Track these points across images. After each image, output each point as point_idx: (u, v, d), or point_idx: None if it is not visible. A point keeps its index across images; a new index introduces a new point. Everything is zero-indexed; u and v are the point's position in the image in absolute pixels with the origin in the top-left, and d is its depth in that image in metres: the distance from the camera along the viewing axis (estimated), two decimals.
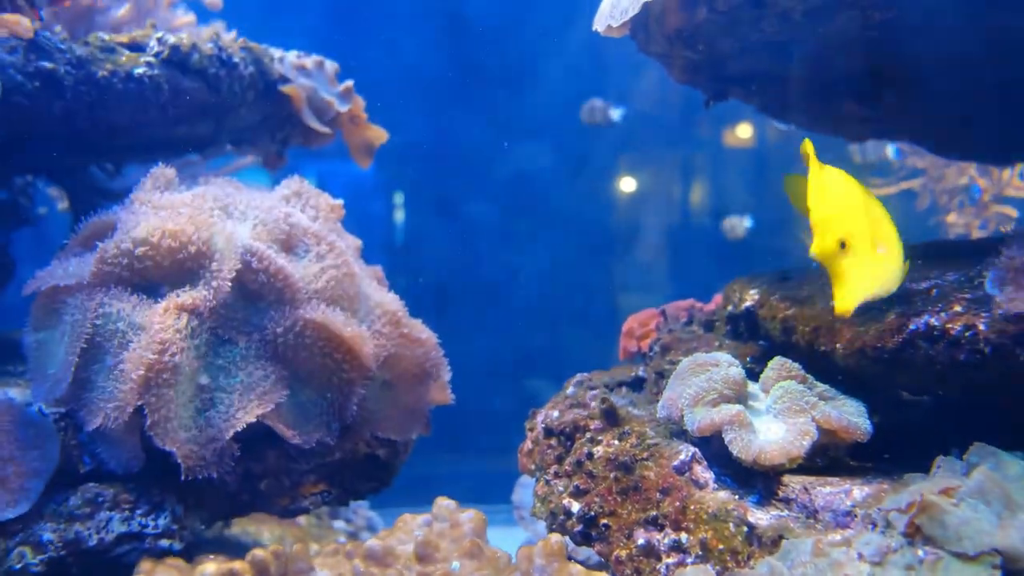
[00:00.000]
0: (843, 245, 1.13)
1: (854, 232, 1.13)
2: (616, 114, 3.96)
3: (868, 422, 1.15)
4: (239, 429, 1.34)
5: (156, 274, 1.40)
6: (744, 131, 4.47)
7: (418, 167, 4.39)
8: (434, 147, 4.36)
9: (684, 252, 4.53)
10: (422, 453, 1.84)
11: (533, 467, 1.41)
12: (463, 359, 1.72)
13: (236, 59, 1.86)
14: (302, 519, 2.50)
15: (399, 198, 4.57)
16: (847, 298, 1.11)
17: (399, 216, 4.58)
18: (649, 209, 4.68)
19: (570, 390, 1.50)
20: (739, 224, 4.00)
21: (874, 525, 1.03)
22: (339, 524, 2.67)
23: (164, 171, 1.59)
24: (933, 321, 1.06)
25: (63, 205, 2.66)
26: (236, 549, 1.68)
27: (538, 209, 4.58)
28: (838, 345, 1.17)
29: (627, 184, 4.65)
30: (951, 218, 3.15)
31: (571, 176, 4.65)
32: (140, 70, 1.67)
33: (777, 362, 1.24)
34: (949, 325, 1.05)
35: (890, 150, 3.74)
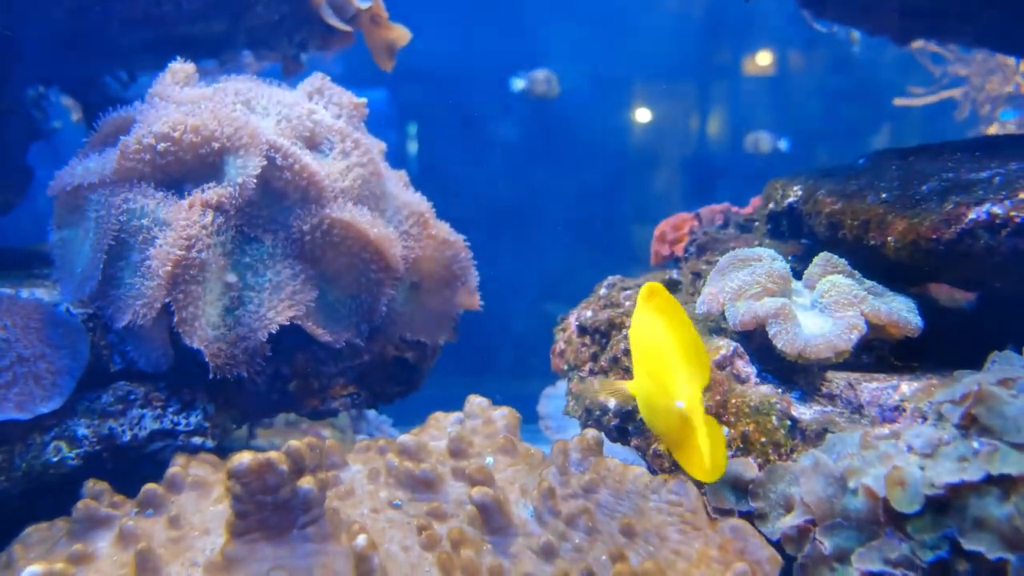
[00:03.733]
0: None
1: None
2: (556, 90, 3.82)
3: (919, 317, 1.11)
4: (273, 331, 1.33)
5: (179, 170, 1.36)
6: (764, 58, 4.36)
7: (437, 89, 4.28)
8: (453, 68, 4.25)
9: (704, 179, 4.45)
10: (442, 374, 1.83)
11: (566, 367, 1.38)
12: (482, 283, 1.68)
13: None
14: (326, 431, 2.53)
15: (416, 121, 4.47)
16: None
17: (415, 141, 4.49)
18: (669, 136, 4.58)
19: (602, 291, 1.47)
20: (764, 139, 3.90)
21: (924, 419, 1.01)
22: (362, 438, 2.70)
23: (183, 66, 1.53)
24: (996, 209, 1.01)
25: (76, 116, 2.60)
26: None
27: (560, 132, 4.49)
28: (890, 238, 1.12)
29: (647, 111, 4.54)
30: (992, 129, 3.03)
31: (593, 100, 4.53)
32: None
33: (823, 257, 1.19)
34: (1014, 213, 0.99)
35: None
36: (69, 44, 1.75)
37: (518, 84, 3.83)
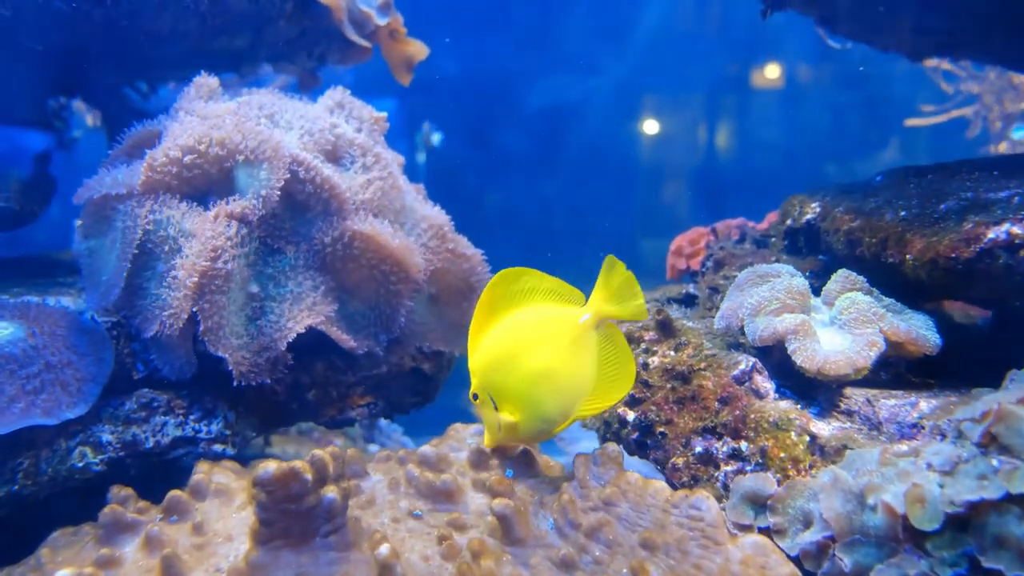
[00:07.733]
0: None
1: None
2: (436, 139, 3.96)
3: (937, 335, 1.12)
4: (291, 339, 1.35)
5: (204, 182, 1.39)
6: (772, 71, 4.37)
7: (447, 99, 4.31)
8: (465, 79, 4.28)
9: (715, 193, 4.46)
10: (454, 387, 1.84)
11: None
12: None
13: None
14: (338, 440, 2.55)
15: (428, 132, 4.50)
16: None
17: (425, 151, 4.52)
18: (683, 149, 4.59)
19: None
20: None
21: (943, 436, 1.01)
22: (374, 448, 2.71)
23: (207, 80, 1.55)
24: (1016, 229, 1.02)
25: (91, 120, 2.64)
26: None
27: (573, 144, 4.51)
28: (908, 256, 1.13)
29: (659, 123, 4.55)
30: (1003, 147, 3.03)
31: (605, 112, 4.55)
32: None
33: (841, 274, 1.20)
34: None
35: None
36: (95, 57, 1.78)
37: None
